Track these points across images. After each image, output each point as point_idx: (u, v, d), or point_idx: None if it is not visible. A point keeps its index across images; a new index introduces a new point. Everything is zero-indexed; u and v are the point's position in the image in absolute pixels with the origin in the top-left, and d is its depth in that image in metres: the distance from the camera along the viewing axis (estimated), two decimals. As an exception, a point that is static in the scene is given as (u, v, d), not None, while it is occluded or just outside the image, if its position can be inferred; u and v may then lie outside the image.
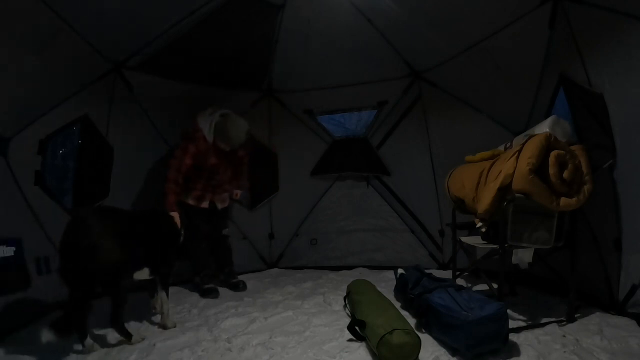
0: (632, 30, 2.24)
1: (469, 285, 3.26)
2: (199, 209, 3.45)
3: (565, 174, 2.31)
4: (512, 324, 2.25)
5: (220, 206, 3.60)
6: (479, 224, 2.61)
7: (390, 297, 2.84)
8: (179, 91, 3.78)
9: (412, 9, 3.20)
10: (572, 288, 2.48)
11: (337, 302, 3.00)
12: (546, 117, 2.81)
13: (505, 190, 2.41)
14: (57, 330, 2.07)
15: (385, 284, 3.34)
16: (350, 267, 4.15)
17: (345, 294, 2.91)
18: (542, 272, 3.09)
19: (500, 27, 3.06)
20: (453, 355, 2.07)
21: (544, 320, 2.43)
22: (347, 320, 2.43)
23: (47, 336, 2.03)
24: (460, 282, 3.21)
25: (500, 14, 2.98)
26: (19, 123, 2.69)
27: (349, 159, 4.31)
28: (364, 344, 2.23)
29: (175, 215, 2.94)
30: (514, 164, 2.36)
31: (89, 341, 2.22)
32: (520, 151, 2.38)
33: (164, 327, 2.60)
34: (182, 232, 2.92)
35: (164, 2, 2.95)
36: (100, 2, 2.69)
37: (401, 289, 2.91)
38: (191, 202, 3.41)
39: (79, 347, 2.23)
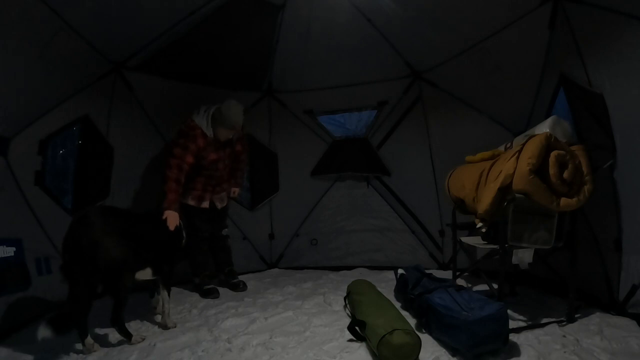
0: (632, 30, 2.23)
1: (469, 285, 3.26)
2: (199, 209, 3.45)
3: (565, 174, 2.31)
4: (512, 324, 2.25)
5: (219, 205, 3.59)
6: (479, 224, 2.61)
7: (390, 297, 2.84)
8: (179, 91, 3.79)
9: (412, 9, 3.20)
10: (572, 288, 2.47)
11: (337, 302, 3.00)
12: (546, 117, 2.81)
13: (505, 190, 2.41)
14: (54, 327, 2.07)
15: (385, 284, 3.34)
16: (350, 267, 4.15)
17: (345, 294, 2.91)
18: (542, 272, 3.09)
19: (500, 27, 3.06)
20: (453, 355, 2.07)
21: (544, 320, 2.43)
22: (347, 320, 2.43)
23: (43, 333, 2.03)
24: (460, 282, 3.21)
25: (500, 14, 2.98)
26: (19, 123, 2.69)
27: (349, 159, 4.31)
28: (364, 344, 2.22)
29: (171, 215, 2.88)
30: (514, 164, 2.36)
31: (89, 340, 2.22)
32: (520, 151, 2.38)
33: (164, 326, 2.61)
34: (184, 233, 2.92)
35: (164, 2, 2.95)
36: (100, 2, 2.69)
37: (401, 289, 2.91)
38: (191, 202, 3.41)
39: (79, 347, 2.23)
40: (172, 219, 2.87)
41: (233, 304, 3.11)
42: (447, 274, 3.57)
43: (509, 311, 2.16)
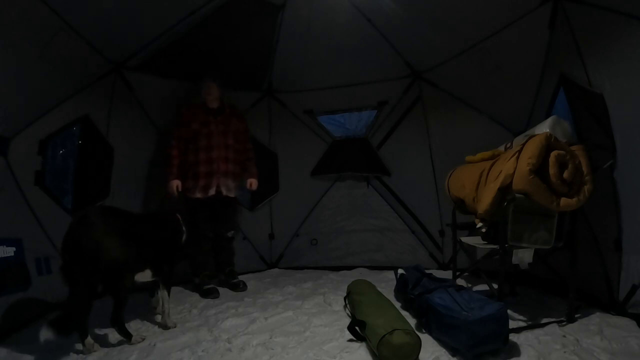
0: (632, 30, 2.23)
1: (469, 285, 3.26)
2: (203, 207, 3.43)
3: (565, 174, 2.31)
4: (512, 324, 2.25)
5: (225, 192, 3.48)
6: (479, 224, 2.61)
7: (390, 297, 2.84)
8: (179, 91, 3.80)
9: (412, 9, 3.21)
10: (572, 288, 2.47)
11: (337, 302, 3.00)
12: (546, 117, 2.81)
13: (505, 190, 2.41)
14: (56, 328, 2.07)
15: (385, 284, 3.34)
16: (350, 267, 4.15)
17: (345, 294, 2.91)
18: (542, 272, 3.09)
19: (500, 27, 3.07)
20: (453, 355, 2.07)
21: (544, 320, 2.43)
22: (347, 320, 2.43)
23: (45, 334, 2.03)
24: (460, 282, 3.21)
25: (500, 14, 2.98)
26: (19, 123, 2.69)
27: (349, 159, 4.31)
28: (364, 344, 2.22)
29: (173, 182, 3.28)
30: (514, 164, 2.36)
31: (89, 340, 2.22)
32: (520, 151, 2.38)
33: (164, 326, 2.60)
34: (184, 230, 2.91)
35: (164, 2, 2.96)
36: (100, 2, 2.69)
37: (401, 289, 2.91)
38: (199, 194, 3.40)
39: (79, 347, 2.23)
40: (172, 183, 3.30)
41: (233, 304, 3.11)
42: (447, 274, 3.57)
43: (509, 311, 2.16)
